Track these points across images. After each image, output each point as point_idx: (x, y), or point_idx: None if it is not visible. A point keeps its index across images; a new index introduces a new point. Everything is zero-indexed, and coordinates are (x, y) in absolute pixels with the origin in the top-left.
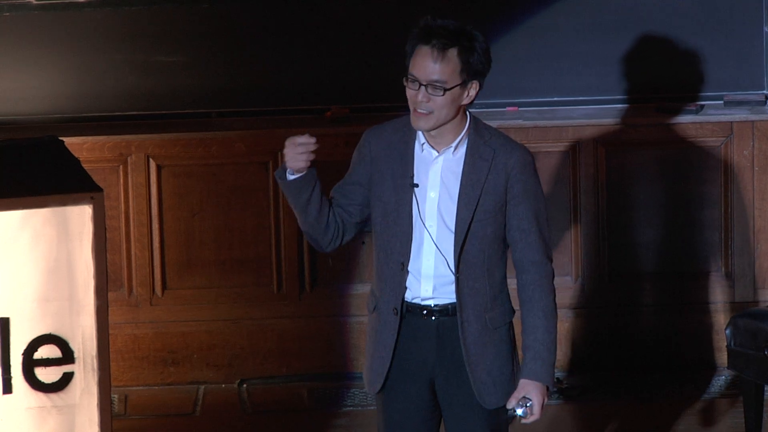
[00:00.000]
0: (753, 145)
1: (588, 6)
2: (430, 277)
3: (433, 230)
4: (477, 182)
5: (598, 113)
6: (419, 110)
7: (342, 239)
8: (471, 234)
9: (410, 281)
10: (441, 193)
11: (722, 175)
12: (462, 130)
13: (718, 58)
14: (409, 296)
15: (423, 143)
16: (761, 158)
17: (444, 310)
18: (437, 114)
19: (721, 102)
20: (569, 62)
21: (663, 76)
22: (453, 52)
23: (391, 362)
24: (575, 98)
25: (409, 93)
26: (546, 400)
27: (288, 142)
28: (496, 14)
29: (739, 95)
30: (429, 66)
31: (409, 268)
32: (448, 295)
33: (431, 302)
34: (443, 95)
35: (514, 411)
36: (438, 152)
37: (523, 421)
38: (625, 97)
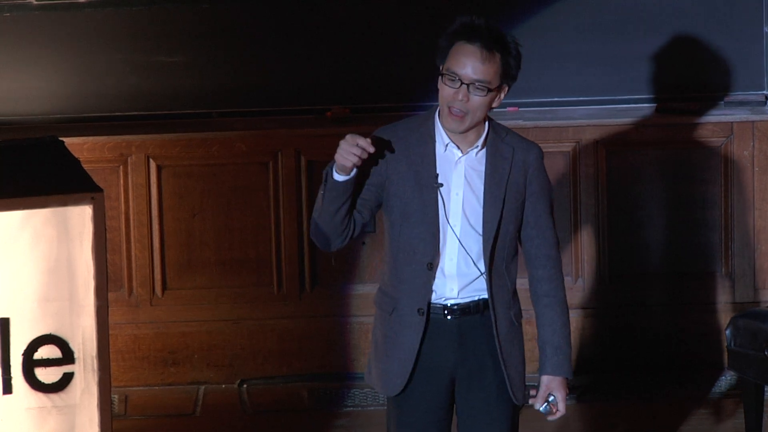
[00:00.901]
0: (753, 145)
1: (588, 6)
2: (454, 276)
3: (457, 229)
4: (501, 180)
5: (599, 113)
6: (455, 110)
7: (349, 239)
8: (499, 232)
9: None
10: (465, 192)
11: (722, 175)
12: (484, 130)
13: (718, 58)
14: (432, 297)
15: (447, 143)
16: (761, 158)
17: (465, 309)
18: (472, 115)
19: (722, 102)
20: (569, 62)
21: (663, 76)
22: (497, 55)
23: (415, 364)
24: (576, 98)
25: (447, 91)
26: (567, 393)
27: (348, 138)
28: (497, 14)
29: (740, 95)
30: (476, 65)
31: None
32: (470, 294)
33: (453, 302)
34: (485, 96)
35: (540, 409)
36: (462, 153)
37: (550, 418)
38: (625, 97)
